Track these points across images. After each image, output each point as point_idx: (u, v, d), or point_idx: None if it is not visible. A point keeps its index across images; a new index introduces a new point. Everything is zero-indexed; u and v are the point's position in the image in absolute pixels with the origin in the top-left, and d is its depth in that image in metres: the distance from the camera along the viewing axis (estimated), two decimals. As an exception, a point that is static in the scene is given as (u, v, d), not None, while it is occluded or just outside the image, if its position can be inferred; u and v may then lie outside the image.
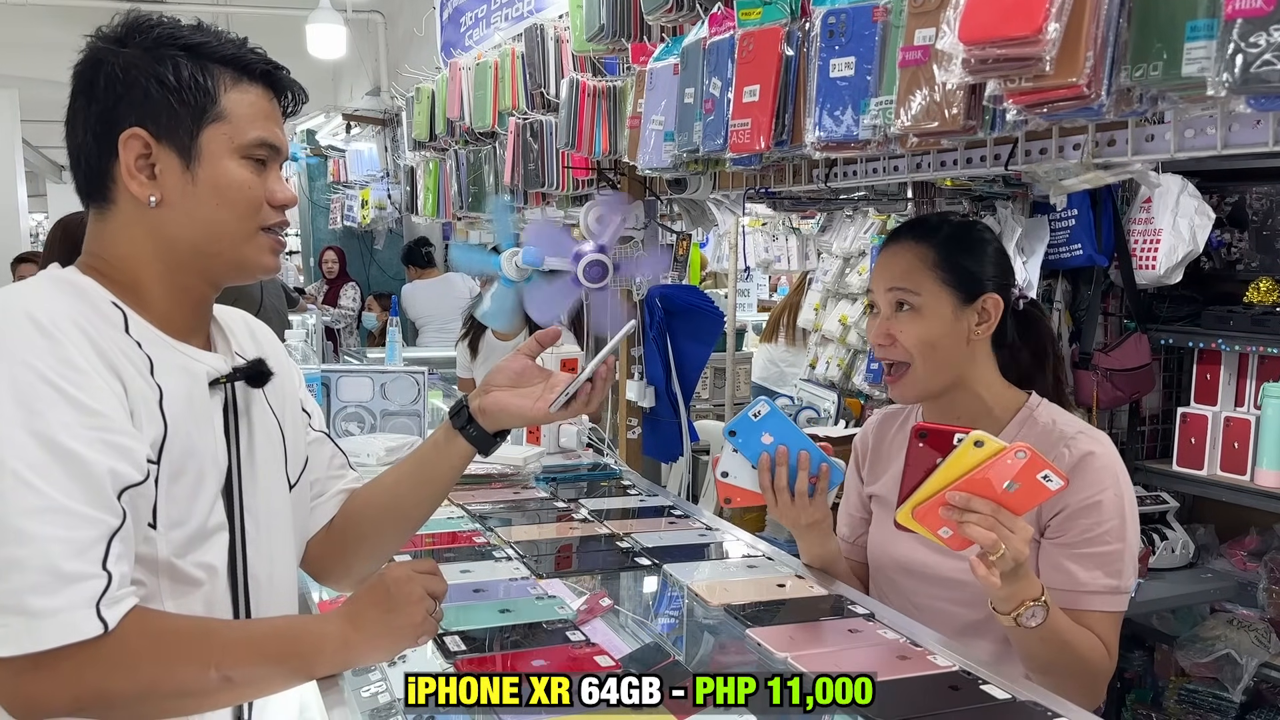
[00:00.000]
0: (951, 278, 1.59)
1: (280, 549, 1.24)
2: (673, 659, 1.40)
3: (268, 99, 1.16)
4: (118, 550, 0.98)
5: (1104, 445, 1.55)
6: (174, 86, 1.09)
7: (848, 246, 4.45)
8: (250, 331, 1.31)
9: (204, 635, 1.07)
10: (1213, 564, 2.97)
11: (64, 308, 1.04)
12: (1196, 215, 2.82)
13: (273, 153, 1.16)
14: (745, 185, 2.46)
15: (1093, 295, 2.98)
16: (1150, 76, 1.18)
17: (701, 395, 4.66)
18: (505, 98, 3.23)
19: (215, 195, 1.12)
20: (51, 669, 0.95)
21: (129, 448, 1.01)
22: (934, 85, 1.40)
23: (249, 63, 1.14)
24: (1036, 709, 1.24)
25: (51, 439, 0.96)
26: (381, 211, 7.51)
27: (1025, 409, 1.62)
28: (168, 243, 1.13)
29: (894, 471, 1.72)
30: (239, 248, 1.15)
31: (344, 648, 1.13)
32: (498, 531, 1.96)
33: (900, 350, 1.60)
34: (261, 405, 1.24)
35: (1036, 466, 1.26)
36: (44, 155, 12.84)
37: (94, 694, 0.98)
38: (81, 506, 0.96)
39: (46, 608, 0.94)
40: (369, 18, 7.71)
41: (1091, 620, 1.48)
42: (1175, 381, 3.16)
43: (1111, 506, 1.50)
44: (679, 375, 2.87)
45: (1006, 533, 1.28)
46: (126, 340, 1.08)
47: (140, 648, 1.00)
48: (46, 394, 0.97)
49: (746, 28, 1.77)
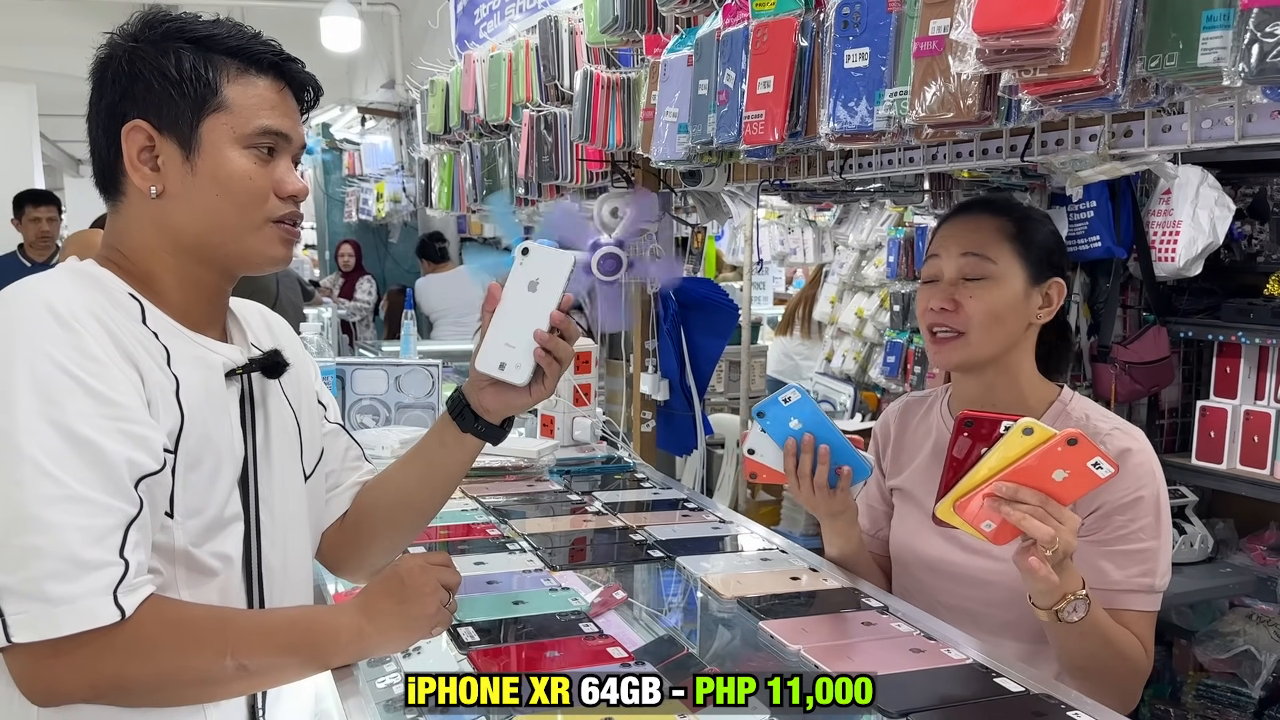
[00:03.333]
0: (1027, 253, 1.55)
1: (295, 540, 1.25)
2: (686, 651, 1.40)
3: (276, 90, 1.15)
4: (135, 538, 0.99)
5: (1140, 441, 1.52)
6: (175, 79, 1.10)
7: (864, 239, 4.44)
8: (266, 324, 1.32)
9: (220, 624, 1.08)
10: (1232, 559, 2.95)
11: (82, 299, 1.05)
12: (1216, 207, 2.80)
13: (281, 142, 1.15)
14: (760, 177, 2.45)
15: (1111, 288, 2.96)
16: (1166, 67, 1.16)
17: (716, 388, 4.66)
18: (519, 90, 3.23)
19: (214, 185, 1.12)
20: (69, 655, 0.97)
21: (146, 437, 1.02)
22: (949, 76, 1.39)
23: (256, 53, 1.14)
24: (1051, 702, 1.23)
25: (70, 428, 0.97)
26: (396, 205, 7.53)
27: (1059, 402, 1.59)
28: (173, 234, 1.14)
29: (919, 464, 1.70)
30: (243, 239, 1.14)
31: (358, 638, 1.14)
32: (512, 524, 1.97)
33: (962, 318, 1.54)
34: (278, 396, 1.24)
35: (1087, 453, 1.21)
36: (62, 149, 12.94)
37: (110, 680, 0.99)
38: (99, 495, 0.97)
39: (65, 594, 0.95)
40: (383, 11, 7.72)
41: (1127, 620, 1.44)
42: (1195, 375, 3.13)
43: (1149, 504, 1.47)
44: (693, 368, 2.86)
45: (1057, 524, 1.24)
46: (144, 331, 1.09)
47: (156, 635, 1.01)
48: (65, 384, 0.98)
49: (761, 18, 1.77)
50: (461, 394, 1.32)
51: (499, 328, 1.27)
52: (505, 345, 1.26)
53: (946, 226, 1.63)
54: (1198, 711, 2.88)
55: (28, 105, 8.60)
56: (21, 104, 8.55)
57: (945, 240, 1.60)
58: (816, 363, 4.70)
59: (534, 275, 1.27)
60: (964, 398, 1.65)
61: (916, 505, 1.68)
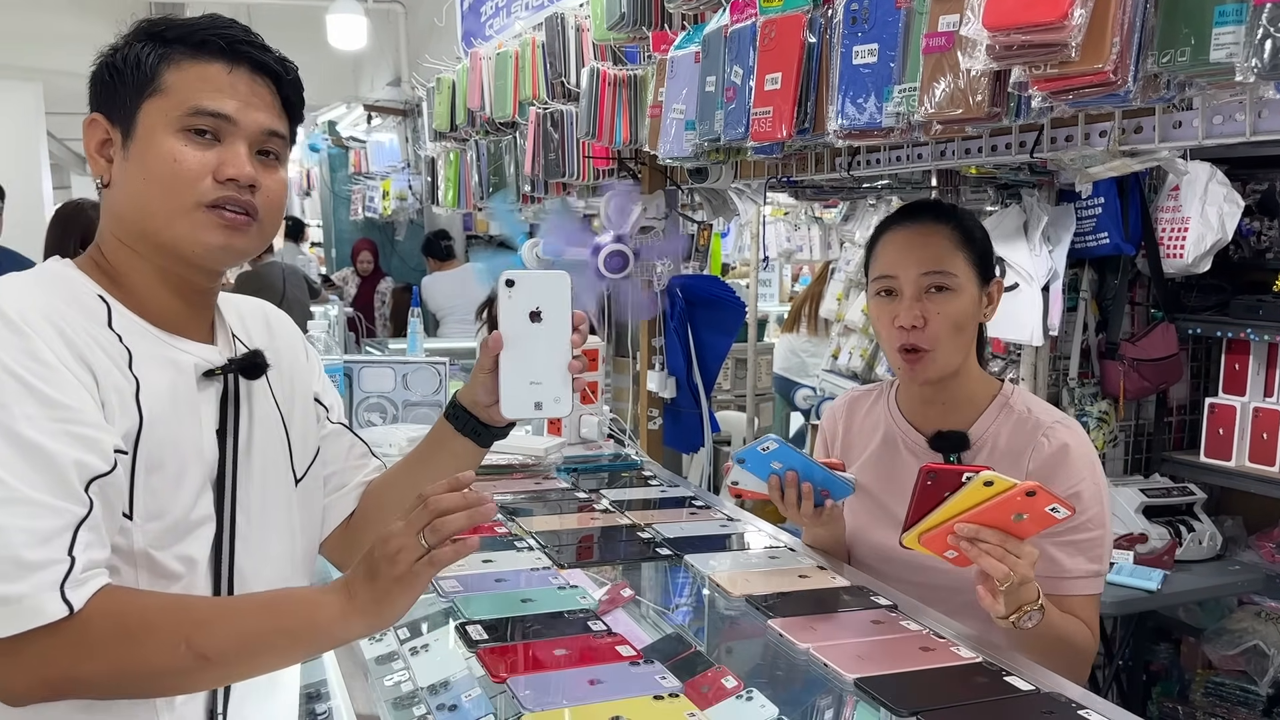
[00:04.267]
0: (975, 258, 1.60)
1: (275, 544, 1.21)
2: (694, 649, 1.40)
3: (225, 72, 1.11)
4: (86, 538, 0.98)
5: (1078, 434, 1.60)
6: (119, 68, 1.10)
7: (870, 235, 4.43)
8: (267, 322, 1.29)
9: (177, 611, 1.03)
10: (1240, 556, 2.94)
11: (38, 303, 1.04)
12: (1225, 203, 2.78)
13: (224, 124, 1.10)
14: (767, 174, 2.45)
15: (1119, 284, 2.95)
16: (1178, 62, 1.16)
17: (723, 386, 4.66)
18: (526, 87, 3.22)
19: (141, 169, 1.09)
20: (19, 655, 0.95)
21: (96, 439, 1.01)
22: (958, 72, 1.38)
23: (203, 38, 1.11)
24: (1061, 700, 1.23)
25: (15, 432, 0.96)
26: (402, 202, 7.52)
27: (1000, 396, 1.66)
28: (118, 223, 1.12)
29: (869, 456, 1.76)
30: (172, 224, 1.09)
31: (341, 617, 1.04)
32: (519, 522, 1.96)
33: (929, 335, 1.58)
34: (264, 396, 1.21)
35: (1045, 501, 1.28)
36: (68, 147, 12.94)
37: (65, 676, 0.97)
38: (45, 497, 0.96)
39: (10, 594, 0.94)
40: (389, 8, 7.72)
41: (1074, 604, 1.53)
42: (1203, 371, 3.13)
43: (1091, 495, 1.55)
44: (700, 366, 2.86)
45: (1014, 560, 1.31)
46: (106, 334, 1.07)
47: (105, 628, 0.98)
48: (11, 387, 0.98)
49: (768, 15, 1.76)
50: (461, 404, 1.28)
51: (516, 371, 1.19)
52: (530, 385, 1.19)
53: (895, 239, 1.63)
54: (1206, 709, 2.87)
55: (34, 103, 8.62)
56: (28, 102, 8.56)
57: (901, 258, 1.61)
58: (823, 359, 4.69)
59: (532, 305, 1.19)
60: (917, 399, 1.70)
61: (869, 497, 1.73)
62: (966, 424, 1.65)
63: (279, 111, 1.15)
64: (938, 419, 1.67)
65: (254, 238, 1.13)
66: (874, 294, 1.66)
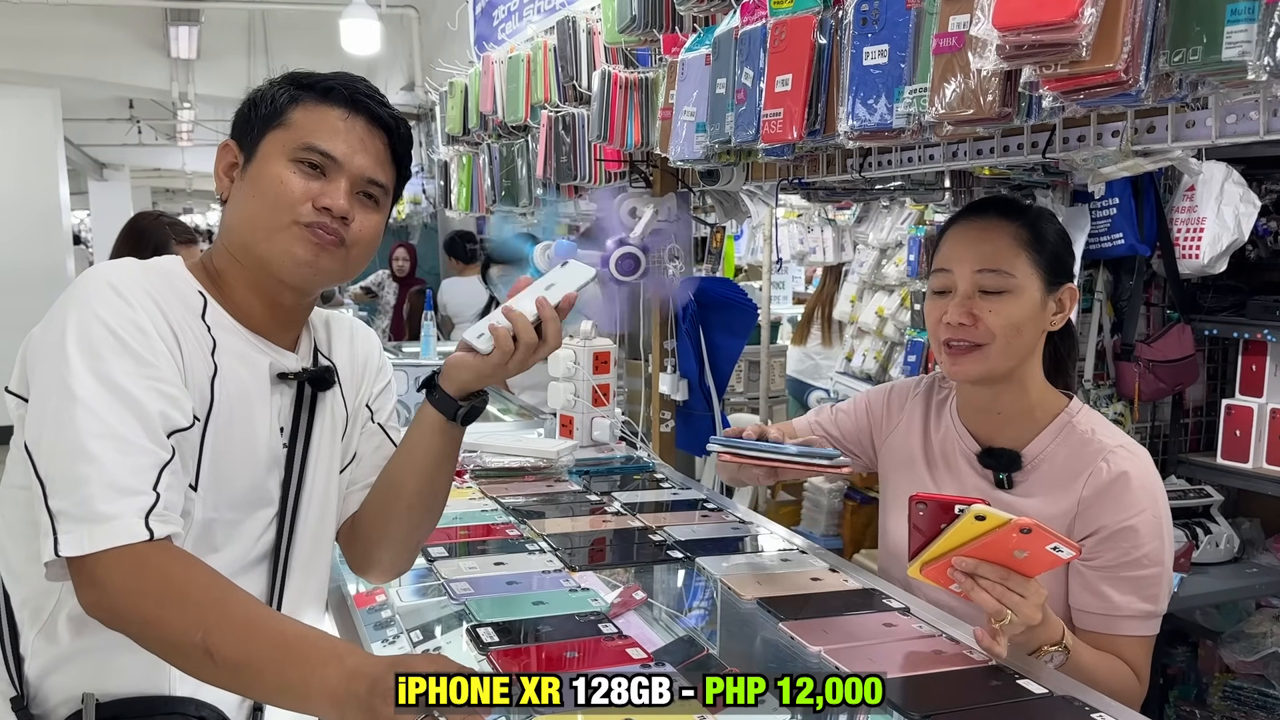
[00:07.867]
0: (1043, 260, 1.51)
1: (324, 533, 1.36)
2: (706, 652, 1.40)
3: (342, 119, 1.25)
4: (168, 480, 1.10)
5: (1142, 462, 1.49)
6: (257, 104, 1.27)
7: (884, 237, 4.42)
8: (351, 335, 1.43)
9: (215, 598, 1.06)
10: (1258, 558, 2.91)
11: (144, 283, 1.17)
12: (1241, 203, 2.76)
13: (330, 163, 1.23)
14: (778, 176, 2.44)
15: (1135, 285, 2.93)
16: (1190, 61, 1.15)
17: (735, 388, 4.65)
18: (537, 91, 3.23)
19: (253, 187, 1.24)
20: (90, 573, 1.05)
21: (178, 397, 1.14)
22: (969, 72, 1.38)
23: (328, 86, 1.26)
24: (1074, 704, 1.22)
25: (112, 379, 1.10)
26: (416, 206, 7.54)
27: (1065, 414, 1.56)
28: (228, 234, 1.27)
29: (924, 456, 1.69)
30: (271, 237, 1.22)
31: (331, 696, 0.99)
32: (531, 524, 1.97)
33: (983, 331, 1.50)
34: (336, 401, 1.37)
35: (1044, 539, 1.23)
36: (85, 153, 13.04)
37: (113, 604, 1.06)
38: (137, 437, 1.09)
39: (107, 513, 1.05)
40: (403, 13, 7.74)
41: (1122, 645, 1.44)
42: (1220, 373, 3.10)
43: (1149, 529, 1.45)
44: (712, 368, 2.86)
45: (1016, 599, 1.26)
46: (198, 323, 1.21)
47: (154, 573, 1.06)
48: (112, 344, 1.11)
49: (779, 16, 1.76)
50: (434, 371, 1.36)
51: (501, 309, 1.33)
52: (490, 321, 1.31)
53: (957, 234, 1.57)
54: (1224, 713, 2.85)
55: (51, 110, 8.69)
56: (45, 108, 8.64)
57: (958, 253, 1.54)
58: (836, 362, 4.68)
59: (557, 279, 1.34)
60: (972, 406, 1.63)
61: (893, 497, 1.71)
62: (1024, 440, 1.56)
63: (386, 161, 1.29)
64: (993, 430, 1.59)
65: (340, 261, 1.25)
66: (930, 290, 1.58)
